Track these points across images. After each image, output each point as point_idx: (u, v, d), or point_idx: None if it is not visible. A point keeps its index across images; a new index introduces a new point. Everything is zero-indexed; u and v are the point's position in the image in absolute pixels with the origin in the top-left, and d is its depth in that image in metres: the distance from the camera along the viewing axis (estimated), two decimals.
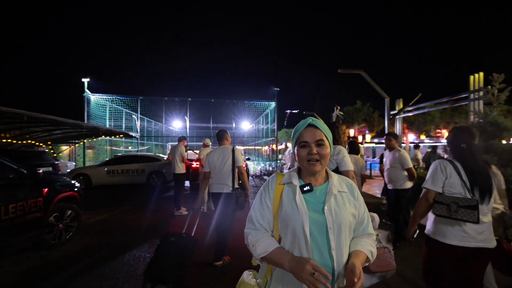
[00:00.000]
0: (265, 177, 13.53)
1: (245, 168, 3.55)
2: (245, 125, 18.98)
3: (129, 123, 15.96)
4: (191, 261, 2.49)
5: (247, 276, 1.13)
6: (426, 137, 24.25)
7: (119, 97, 14.57)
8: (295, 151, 1.08)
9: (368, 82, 7.77)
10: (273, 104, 15.31)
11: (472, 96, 6.69)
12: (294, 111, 23.97)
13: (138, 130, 14.57)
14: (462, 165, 1.73)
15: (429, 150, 11.05)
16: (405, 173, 3.83)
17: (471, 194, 1.67)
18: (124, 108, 15.24)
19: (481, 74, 6.47)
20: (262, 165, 16.54)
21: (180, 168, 5.85)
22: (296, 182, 1.06)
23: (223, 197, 3.20)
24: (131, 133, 12.55)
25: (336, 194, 1.05)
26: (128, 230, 4.69)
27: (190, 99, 15.25)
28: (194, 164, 7.43)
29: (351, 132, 19.42)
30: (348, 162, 2.21)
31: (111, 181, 9.62)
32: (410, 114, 8.42)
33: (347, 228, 1.02)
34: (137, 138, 14.66)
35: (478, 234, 1.67)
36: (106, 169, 9.59)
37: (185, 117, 15.35)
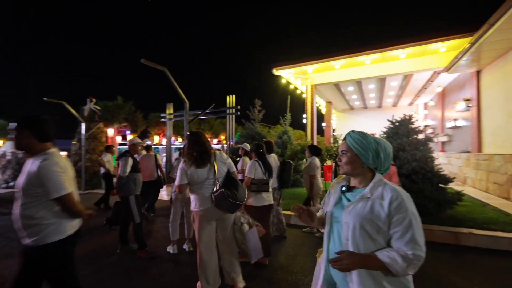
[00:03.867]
0: None
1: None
2: None
3: None
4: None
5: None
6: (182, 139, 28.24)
7: None
8: None
9: (167, 80, 7.56)
10: None
11: (228, 111, 8.83)
12: None
13: None
14: (262, 162, 3.23)
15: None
16: None
17: (265, 176, 3.17)
18: None
19: (234, 96, 8.86)
20: None
21: None
22: (343, 182, 1.27)
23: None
24: None
25: (365, 198, 1.10)
26: None
27: None
28: None
29: (110, 131, 15.07)
30: (233, 164, 2.73)
31: None
32: (179, 119, 9.00)
33: (363, 230, 1.06)
34: None
35: (268, 197, 3.18)
36: None
37: None
